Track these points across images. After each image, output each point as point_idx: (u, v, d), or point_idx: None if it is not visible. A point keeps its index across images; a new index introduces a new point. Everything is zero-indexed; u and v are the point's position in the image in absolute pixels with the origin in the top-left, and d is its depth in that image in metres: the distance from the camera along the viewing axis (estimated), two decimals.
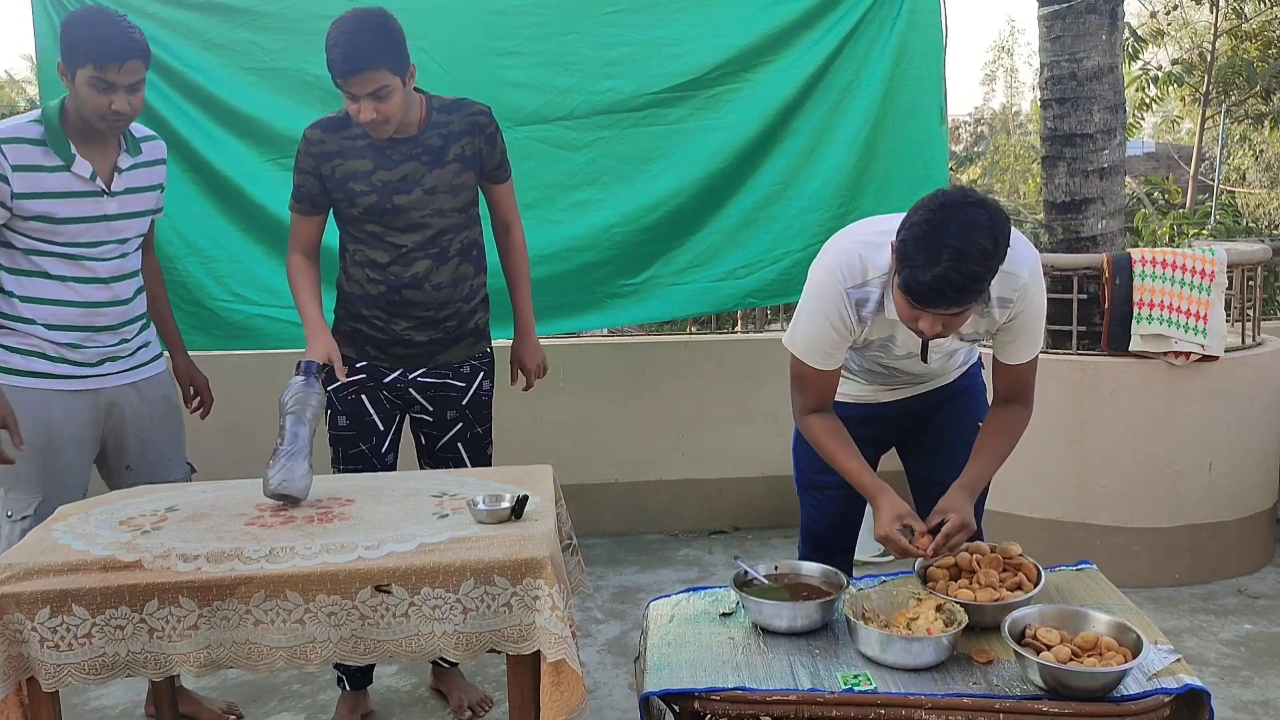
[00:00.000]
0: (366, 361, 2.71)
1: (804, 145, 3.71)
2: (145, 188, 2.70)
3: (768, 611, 2.09)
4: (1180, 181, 11.01)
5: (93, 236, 2.58)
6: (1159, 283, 3.58)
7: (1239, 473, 3.75)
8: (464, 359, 2.77)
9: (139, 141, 2.69)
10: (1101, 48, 4.04)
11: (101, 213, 2.59)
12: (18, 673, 1.85)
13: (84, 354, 2.62)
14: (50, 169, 2.51)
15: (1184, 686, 1.85)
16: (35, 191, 2.49)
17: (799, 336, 2.24)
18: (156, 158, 2.75)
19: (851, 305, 2.14)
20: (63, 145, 2.51)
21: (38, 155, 2.50)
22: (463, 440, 2.81)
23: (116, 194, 2.61)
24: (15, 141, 2.48)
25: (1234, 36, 10.97)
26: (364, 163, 2.57)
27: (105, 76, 2.43)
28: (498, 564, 1.89)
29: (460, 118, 2.63)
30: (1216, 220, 6.78)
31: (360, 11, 2.45)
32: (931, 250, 1.88)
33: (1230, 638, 3.33)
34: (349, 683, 2.89)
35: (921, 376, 2.43)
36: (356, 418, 2.72)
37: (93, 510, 2.19)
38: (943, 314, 1.96)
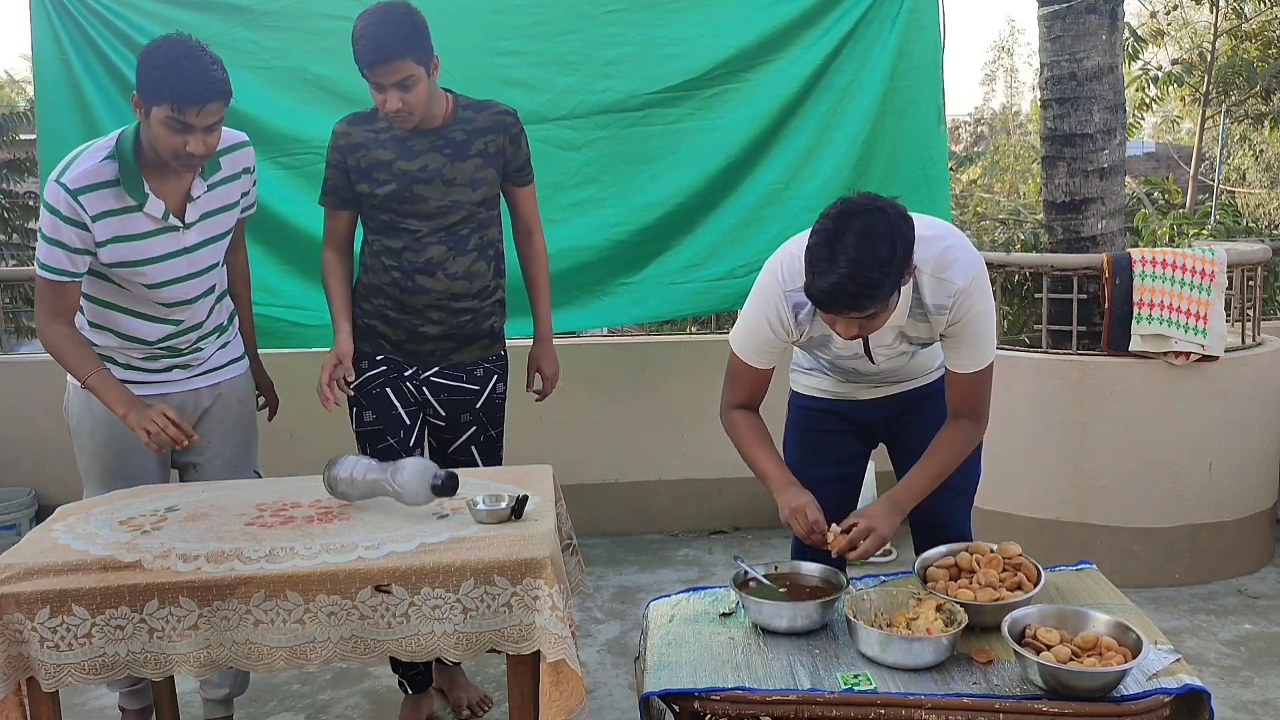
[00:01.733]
0: (384, 355, 2.70)
1: (803, 145, 3.71)
2: (224, 207, 2.54)
3: (768, 611, 2.09)
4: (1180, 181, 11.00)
5: (173, 273, 2.46)
6: (1159, 283, 3.58)
7: (1239, 473, 3.75)
8: (477, 360, 2.76)
9: (218, 158, 2.51)
10: (1101, 48, 4.04)
11: (180, 247, 2.46)
12: (18, 673, 1.85)
13: (156, 364, 2.56)
14: (124, 210, 2.38)
15: (1184, 686, 1.85)
16: (116, 236, 2.38)
17: (738, 333, 2.30)
18: (239, 169, 2.56)
19: (789, 307, 2.18)
20: (136, 185, 2.37)
21: (111, 199, 2.36)
22: (476, 443, 2.80)
23: (192, 224, 2.47)
24: (90, 190, 2.33)
25: (1234, 36, 10.96)
26: (385, 153, 2.60)
27: (183, 118, 2.26)
28: (498, 564, 1.89)
29: (486, 116, 2.66)
30: (1216, 220, 6.77)
31: (386, 4, 2.48)
32: (828, 258, 1.91)
33: (1230, 638, 3.33)
34: (410, 686, 2.88)
35: (891, 375, 2.43)
36: (383, 412, 2.70)
37: (93, 510, 2.19)
38: (852, 318, 1.98)
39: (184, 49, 2.28)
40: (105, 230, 2.37)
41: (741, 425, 2.35)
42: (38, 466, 4.15)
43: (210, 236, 2.53)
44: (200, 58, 2.28)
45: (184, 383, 2.60)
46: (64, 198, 2.32)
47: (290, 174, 3.57)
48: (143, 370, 2.55)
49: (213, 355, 2.65)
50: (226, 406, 2.67)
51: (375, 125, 2.62)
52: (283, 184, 3.54)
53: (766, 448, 2.33)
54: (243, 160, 2.58)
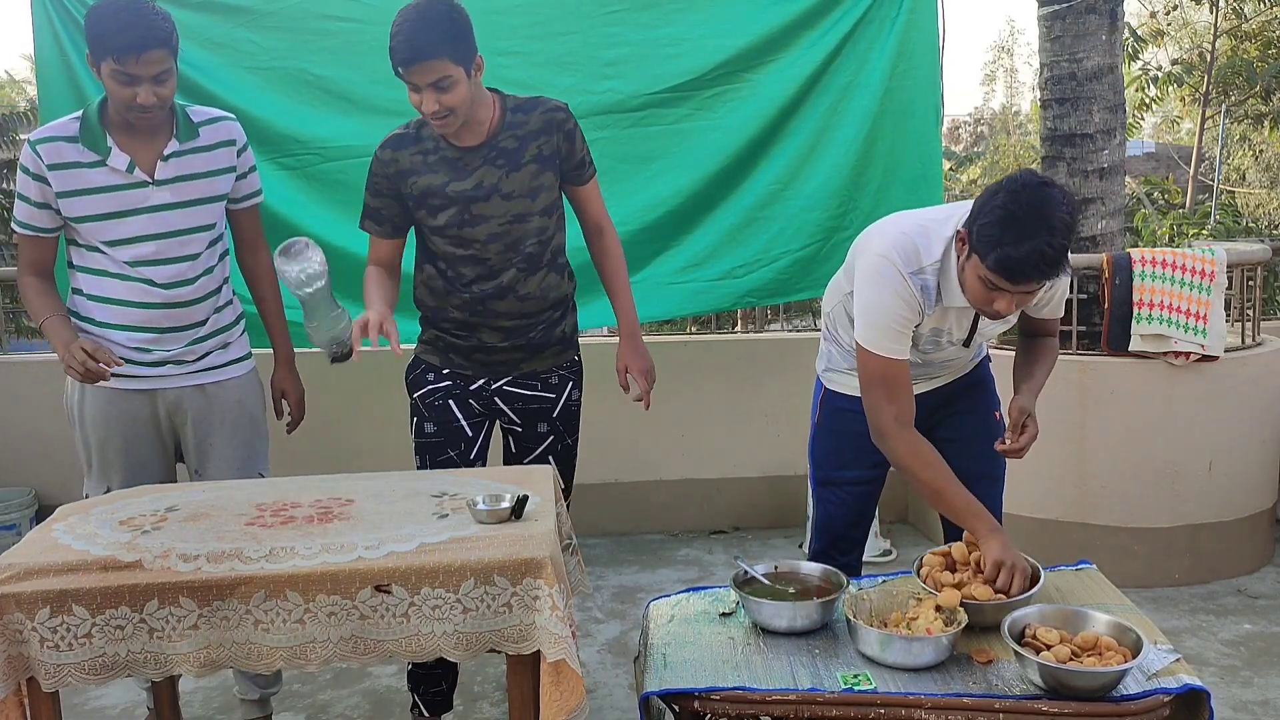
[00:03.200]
0: (450, 369, 2.62)
1: (803, 145, 3.71)
2: (204, 173, 2.55)
3: (768, 611, 2.09)
4: (1180, 181, 11.01)
5: (139, 230, 2.49)
6: (1159, 283, 3.58)
7: (1239, 473, 3.76)
8: (551, 368, 2.66)
9: (197, 125, 2.55)
10: (1101, 48, 4.04)
11: (147, 204, 2.49)
12: (18, 673, 1.85)
13: (150, 356, 2.56)
14: (87, 165, 2.45)
15: (1184, 686, 1.85)
16: (75, 189, 2.44)
17: (871, 325, 2.19)
18: (221, 139, 2.59)
19: (919, 294, 2.17)
20: (98, 139, 2.44)
21: (73, 152, 2.44)
22: (553, 453, 2.70)
23: (164, 182, 2.49)
24: (50, 140, 2.43)
25: (1234, 36, 10.97)
26: (438, 177, 2.48)
27: (126, 69, 2.33)
28: (498, 564, 1.89)
29: (537, 116, 2.52)
30: (1216, 220, 6.77)
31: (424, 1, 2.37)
32: (1020, 228, 1.95)
33: (1230, 638, 3.33)
34: (426, 709, 2.77)
35: (939, 369, 2.46)
36: (444, 424, 2.62)
37: (93, 510, 2.19)
38: (1026, 290, 2.04)
39: (124, 3, 2.34)
40: (62, 182, 2.44)
41: (929, 454, 2.21)
42: (38, 466, 4.15)
43: (188, 199, 2.53)
44: (141, 8, 2.34)
45: (177, 379, 2.60)
46: (27, 151, 2.44)
47: (291, 174, 3.57)
48: (135, 364, 2.55)
49: (210, 355, 2.64)
50: (224, 408, 2.65)
51: (421, 146, 2.50)
52: (283, 184, 3.54)
53: (957, 484, 2.19)
54: (223, 133, 2.60)
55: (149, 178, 2.49)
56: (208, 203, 2.58)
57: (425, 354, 2.64)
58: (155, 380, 2.58)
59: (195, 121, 2.57)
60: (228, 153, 2.61)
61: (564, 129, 2.53)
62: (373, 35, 3.51)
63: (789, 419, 4.27)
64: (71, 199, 2.45)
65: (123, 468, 2.58)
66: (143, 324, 2.54)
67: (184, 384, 2.61)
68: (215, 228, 2.62)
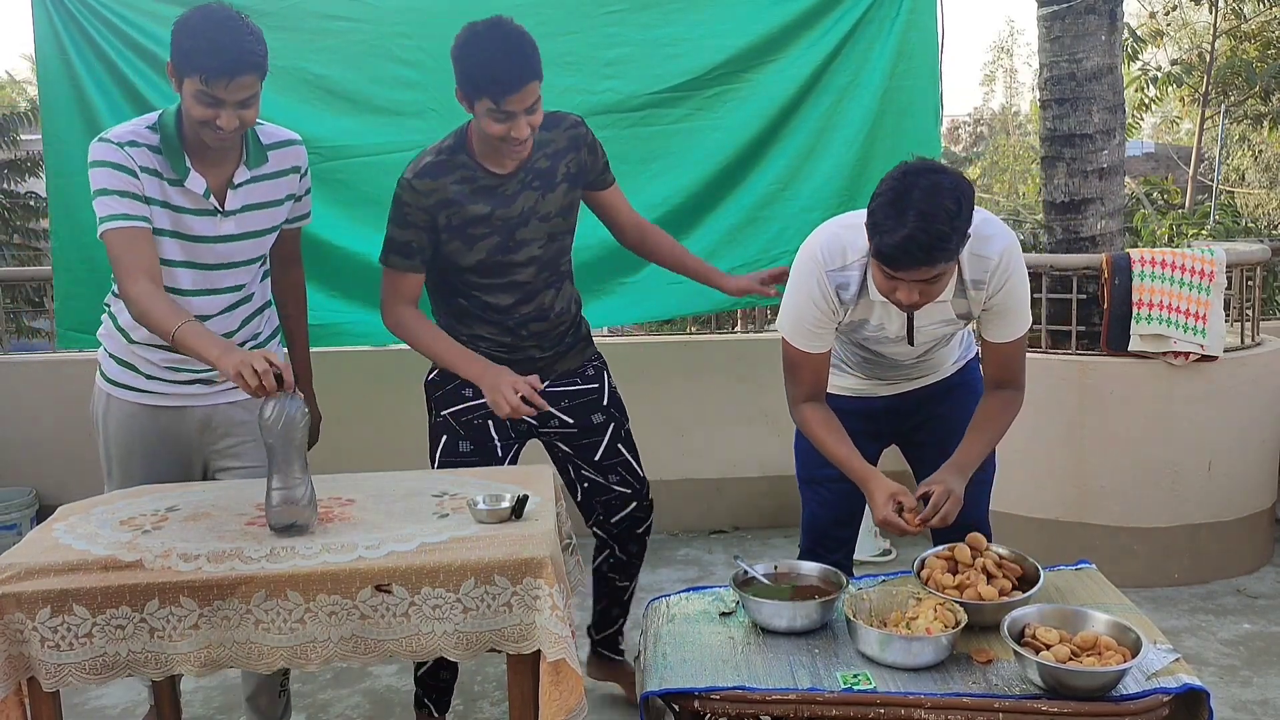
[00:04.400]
0: None
1: (803, 145, 3.71)
2: (267, 203, 2.43)
3: (768, 611, 2.09)
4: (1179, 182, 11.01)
5: (199, 258, 2.37)
6: (1158, 283, 3.58)
7: (1239, 473, 3.76)
8: (582, 364, 2.67)
9: (265, 150, 2.42)
10: (1101, 48, 4.04)
11: (216, 233, 2.37)
12: (18, 672, 1.85)
13: (180, 375, 2.47)
14: (166, 179, 2.32)
15: (1183, 686, 1.85)
16: (160, 199, 2.31)
17: (785, 321, 2.31)
18: (288, 166, 2.47)
19: (832, 287, 2.21)
20: (177, 158, 2.31)
21: (155, 162, 2.30)
22: (620, 440, 2.69)
23: (231, 213, 2.37)
24: (137, 145, 2.28)
25: (1233, 37, 10.98)
26: (480, 206, 2.40)
27: (212, 91, 2.18)
28: (498, 564, 1.89)
29: (561, 133, 2.48)
30: (1216, 220, 6.78)
31: (493, 24, 2.30)
32: (898, 214, 1.95)
33: (1229, 637, 3.33)
34: (436, 709, 2.75)
35: (915, 368, 2.45)
36: (481, 443, 2.58)
37: (93, 510, 2.19)
38: (916, 280, 2.02)
39: (219, 18, 2.19)
40: (151, 187, 2.30)
41: (813, 421, 2.35)
42: (38, 466, 4.15)
43: (249, 231, 2.42)
44: (235, 28, 2.19)
45: (207, 398, 2.50)
46: (112, 149, 2.27)
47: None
48: (165, 381, 2.47)
49: None
50: (250, 426, 2.49)
51: (460, 174, 2.39)
52: None
53: (842, 440, 2.32)
54: (291, 158, 2.49)
55: (219, 206, 2.36)
56: (265, 234, 2.47)
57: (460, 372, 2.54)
58: (184, 399, 2.50)
59: (265, 144, 2.43)
60: (291, 180, 2.49)
61: (586, 142, 2.52)
62: (373, 35, 3.52)
63: (789, 419, 4.26)
64: (158, 209, 2.32)
65: (143, 480, 2.47)
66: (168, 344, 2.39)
67: (214, 401, 2.51)
68: (265, 258, 2.52)
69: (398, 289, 2.49)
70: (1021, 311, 2.26)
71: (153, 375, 2.47)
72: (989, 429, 2.34)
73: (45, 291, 4.28)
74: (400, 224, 2.42)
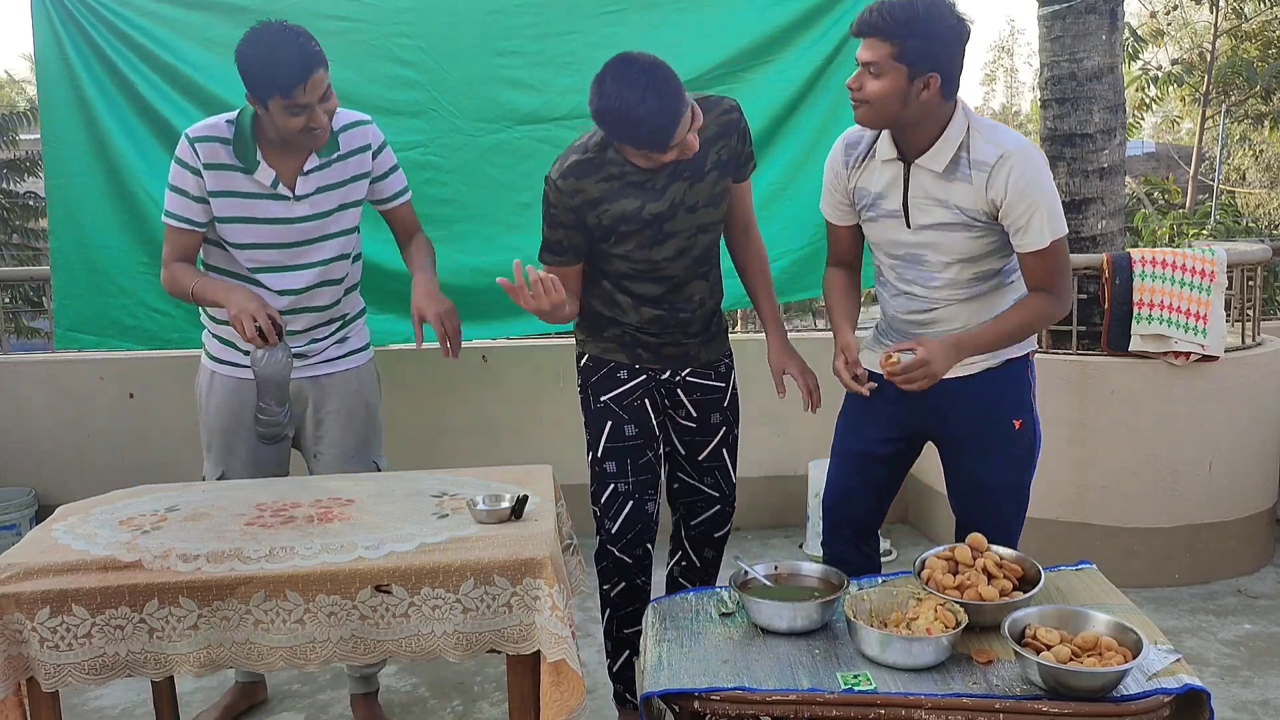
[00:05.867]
0: (640, 364, 2.56)
1: (803, 145, 3.71)
2: (339, 183, 2.61)
3: (768, 611, 2.09)
4: (1180, 181, 11.01)
5: (273, 239, 2.56)
6: (1159, 283, 3.58)
7: (1239, 473, 3.76)
8: (719, 357, 2.66)
9: (336, 136, 2.59)
10: (1101, 48, 4.04)
11: (289, 215, 2.56)
12: (18, 673, 1.85)
13: None
14: (233, 169, 2.52)
15: (1184, 686, 1.85)
16: (224, 190, 2.51)
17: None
18: (357, 145, 2.63)
19: (843, 150, 2.42)
20: (248, 152, 2.51)
21: (224, 155, 2.51)
22: (726, 446, 2.68)
23: (303, 197, 2.56)
24: (207, 140, 2.50)
25: (1234, 36, 10.97)
26: (630, 201, 2.36)
27: (296, 100, 2.38)
28: (498, 564, 1.89)
29: (713, 119, 2.40)
30: (1216, 220, 6.78)
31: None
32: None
33: (1230, 638, 3.33)
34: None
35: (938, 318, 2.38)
36: (644, 425, 2.57)
37: (93, 510, 2.19)
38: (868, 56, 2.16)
39: (274, 36, 2.37)
40: (215, 181, 2.51)
41: (832, 279, 2.55)
42: (38, 466, 4.15)
43: (320, 211, 2.59)
44: (290, 36, 2.38)
45: (301, 370, 2.65)
46: (185, 145, 2.51)
47: None
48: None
49: (328, 348, 2.72)
50: (341, 398, 2.73)
51: (606, 172, 2.36)
52: None
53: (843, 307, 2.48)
54: (359, 138, 2.64)
55: (290, 192, 2.55)
56: (337, 212, 2.63)
57: (609, 352, 2.55)
58: None
59: (335, 130, 2.59)
60: (362, 159, 2.65)
61: (739, 129, 2.46)
62: (373, 35, 3.52)
63: (789, 419, 4.26)
64: (219, 199, 2.52)
65: (243, 452, 2.68)
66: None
67: (303, 375, 2.67)
68: (347, 234, 2.67)
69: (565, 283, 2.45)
70: (1052, 214, 2.21)
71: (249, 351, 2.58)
72: (1014, 317, 2.29)
73: (44, 291, 4.28)
74: (550, 223, 2.42)
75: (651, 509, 2.61)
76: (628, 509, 2.57)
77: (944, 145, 2.21)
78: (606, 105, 2.21)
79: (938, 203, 2.26)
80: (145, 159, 3.49)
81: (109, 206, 3.49)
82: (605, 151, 2.35)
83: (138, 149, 3.49)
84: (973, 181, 2.20)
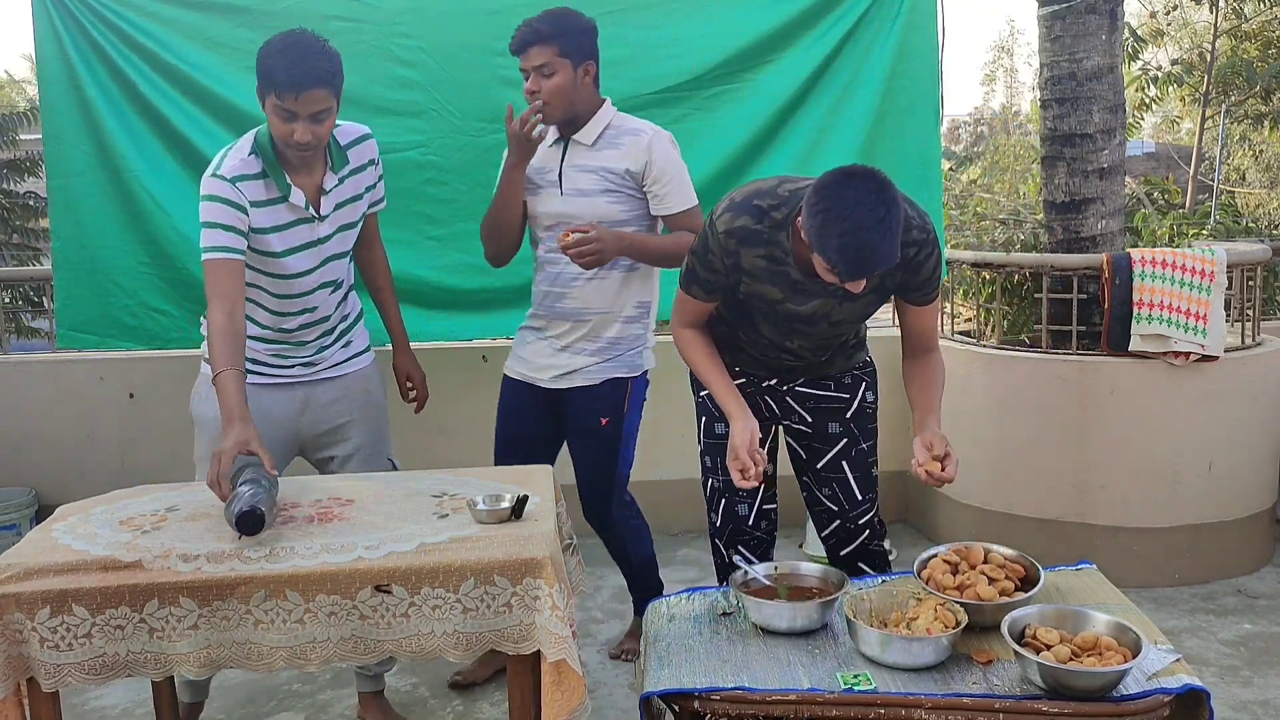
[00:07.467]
0: (742, 368, 2.57)
1: (803, 145, 3.71)
2: (352, 198, 2.63)
3: (768, 611, 2.09)
4: (1180, 181, 10.99)
5: (307, 264, 2.56)
6: (1159, 283, 3.58)
7: (1239, 473, 3.76)
8: (845, 370, 2.58)
9: (345, 150, 2.60)
10: (1101, 48, 4.04)
11: (315, 238, 2.57)
12: (18, 673, 1.85)
13: (284, 361, 2.66)
14: (271, 202, 2.50)
15: (1183, 686, 1.85)
16: (268, 226, 2.49)
17: None
18: (365, 161, 2.66)
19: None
20: (280, 176, 2.49)
21: (262, 190, 2.48)
22: (847, 458, 2.58)
23: (326, 216, 2.58)
24: (245, 179, 2.46)
25: (1234, 37, 10.96)
26: (773, 290, 2.33)
27: (286, 105, 2.37)
28: (498, 564, 1.89)
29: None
30: (1216, 220, 6.76)
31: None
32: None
33: (1230, 638, 3.33)
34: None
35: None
36: None
37: (93, 510, 2.19)
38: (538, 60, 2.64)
39: (293, 39, 2.40)
40: (259, 219, 2.48)
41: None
42: (38, 466, 4.15)
43: (339, 227, 2.61)
44: (307, 46, 2.39)
45: (306, 376, 2.68)
46: (224, 185, 2.44)
47: None
48: (267, 364, 2.63)
49: (334, 353, 2.72)
50: (353, 400, 2.74)
51: (768, 251, 2.28)
52: None
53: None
54: (368, 152, 2.66)
55: (316, 213, 2.56)
56: (354, 226, 2.66)
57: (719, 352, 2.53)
58: (286, 377, 2.66)
59: (343, 145, 2.60)
60: (371, 173, 2.68)
61: (911, 262, 2.27)
62: (373, 35, 3.52)
63: None
64: (264, 235, 2.49)
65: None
66: (281, 338, 2.63)
67: (312, 378, 2.68)
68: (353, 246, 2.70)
69: (688, 310, 2.48)
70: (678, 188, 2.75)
71: (254, 359, 2.58)
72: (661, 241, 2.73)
73: (45, 291, 4.28)
74: (704, 265, 2.36)
75: (744, 511, 2.62)
76: (722, 505, 2.66)
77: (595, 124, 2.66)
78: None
79: (586, 169, 2.51)
80: (146, 159, 3.50)
81: (110, 206, 3.49)
82: (779, 233, 2.26)
83: (139, 149, 3.49)
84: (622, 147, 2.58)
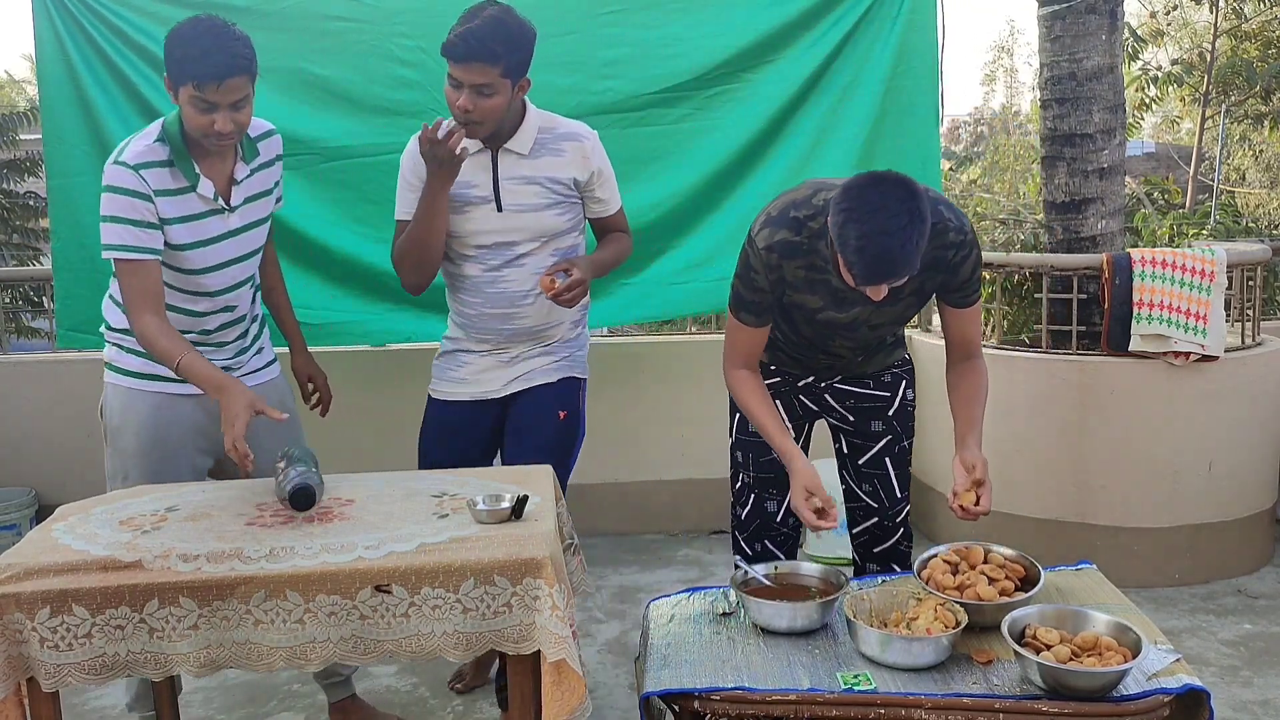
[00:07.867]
0: (778, 366, 2.56)
1: (803, 145, 3.71)
2: (262, 193, 2.58)
3: (768, 611, 2.09)
4: (1180, 181, 10.99)
5: (218, 258, 2.49)
6: (1159, 283, 3.58)
7: (1239, 473, 3.76)
8: (884, 368, 2.57)
9: (255, 143, 2.54)
10: (1101, 48, 4.04)
11: (228, 229, 2.49)
12: (18, 673, 1.85)
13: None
14: (179, 191, 2.42)
15: (1183, 686, 1.85)
16: (176, 216, 2.41)
17: None
18: (274, 154, 2.61)
19: None
20: (188, 165, 2.41)
21: (168, 178, 2.40)
22: (890, 455, 2.58)
23: (237, 207, 2.50)
24: (150, 166, 2.37)
25: (1234, 36, 10.97)
26: (814, 299, 2.32)
27: (205, 96, 2.29)
28: (498, 564, 1.89)
29: (930, 250, 2.18)
30: (1216, 220, 6.76)
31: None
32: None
33: (1230, 638, 3.33)
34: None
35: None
36: None
37: (93, 510, 2.19)
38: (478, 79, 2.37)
39: (205, 27, 2.31)
40: (166, 208, 2.40)
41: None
42: (38, 466, 4.15)
43: (251, 221, 2.55)
44: (221, 34, 2.30)
45: None
46: (126, 173, 2.35)
47: (290, 175, 3.52)
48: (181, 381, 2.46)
49: (250, 359, 2.66)
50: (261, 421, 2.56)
51: (809, 260, 2.27)
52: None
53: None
54: (275, 147, 2.62)
55: (226, 204, 2.49)
56: (264, 222, 2.61)
57: None
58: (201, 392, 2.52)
59: (253, 138, 2.54)
60: (277, 168, 2.63)
61: (949, 264, 2.27)
62: (373, 35, 3.52)
63: None
64: (175, 226, 2.41)
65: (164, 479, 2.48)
66: (201, 340, 2.54)
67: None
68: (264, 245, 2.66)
69: (740, 344, 2.43)
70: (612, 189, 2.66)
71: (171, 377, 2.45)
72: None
73: (45, 291, 4.28)
74: (749, 286, 2.34)
75: (773, 508, 2.62)
76: (750, 501, 2.63)
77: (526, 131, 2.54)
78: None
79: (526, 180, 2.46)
80: None
81: None
82: (818, 241, 2.24)
83: None
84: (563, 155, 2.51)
